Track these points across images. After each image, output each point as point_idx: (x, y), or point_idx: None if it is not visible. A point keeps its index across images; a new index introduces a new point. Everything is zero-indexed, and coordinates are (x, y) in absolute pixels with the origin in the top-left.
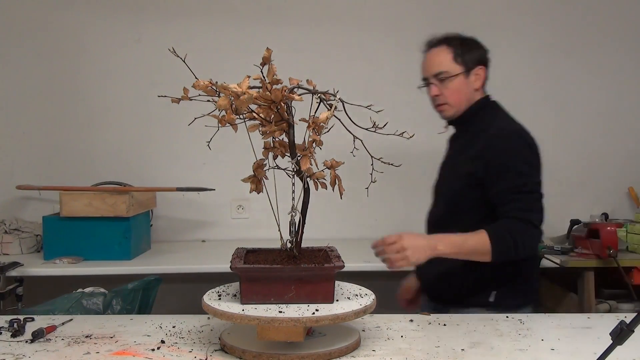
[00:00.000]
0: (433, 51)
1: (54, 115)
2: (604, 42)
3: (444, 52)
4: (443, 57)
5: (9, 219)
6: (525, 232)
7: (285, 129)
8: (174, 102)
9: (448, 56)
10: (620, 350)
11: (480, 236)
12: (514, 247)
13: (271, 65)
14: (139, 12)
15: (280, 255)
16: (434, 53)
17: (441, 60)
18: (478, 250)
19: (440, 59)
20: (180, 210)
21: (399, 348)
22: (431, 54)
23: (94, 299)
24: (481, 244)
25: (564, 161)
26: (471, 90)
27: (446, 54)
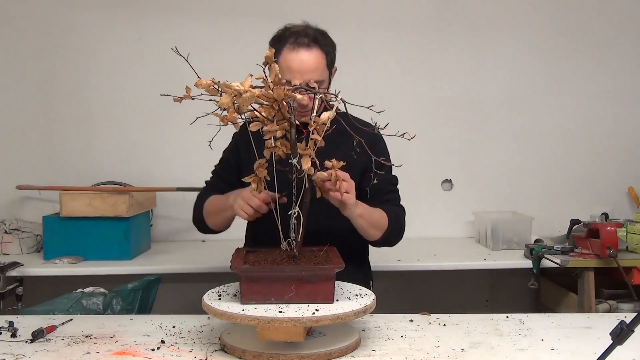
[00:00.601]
0: (305, 54)
1: (54, 115)
2: (604, 42)
3: (319, 57)
4: (318, 62)
5: (9, 219)
6: (404, 221)
7: (287, 128)
8: (176, 101)
9: (322, 62)
10: (620, 350)
11: (382, 213)
12: (399, 233)
13: (273, 65)
14: (139, 11)
15: (280, 255)
16: (309, 57)
17: (317, 67)
18: (378, 224)
19: (316, 65)
20: (180, 210)
21: (399, 348)
22: (304, 56)
23: (94, 299)
24: (382, 220)
25: (564, 161)
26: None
27: (321, 59)
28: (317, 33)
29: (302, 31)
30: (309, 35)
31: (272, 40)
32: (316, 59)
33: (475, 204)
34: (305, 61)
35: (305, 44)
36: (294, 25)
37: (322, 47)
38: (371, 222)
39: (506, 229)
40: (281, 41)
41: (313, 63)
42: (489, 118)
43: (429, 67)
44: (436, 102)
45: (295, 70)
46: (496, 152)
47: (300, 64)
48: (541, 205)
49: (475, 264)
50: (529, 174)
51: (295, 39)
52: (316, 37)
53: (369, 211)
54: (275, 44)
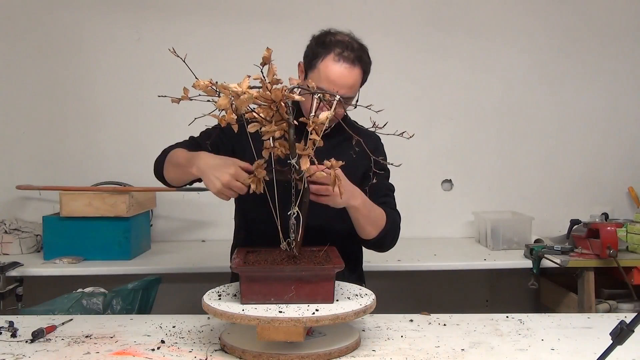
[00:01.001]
0: (348, 69)
1: (54, 115)
2: (604, 43)
3: (359, 75)
4: (357, 81)
5: (9, 219)
6: (400, 226)
7: (286, 128)
8: (174, 102)
9: (360, 80)
10: (620, 350)
11: (381, 211)
12: (394, 236)
13: (271, 65)
14: (139, 12)
15: (280, 255)
16: (350, 73)
17: (354, 85)
18: (377, 222)
19: (354, 83)
20: (180, 210)
21: (399, 348)
22: (346, 71)
23: (94, 299)
24: (381, 218)
25: (564, 161)
26: None
27: (359, 78)
28: (361, 50)
29: (349, 43)
30: (354, 50)
31: (315, 42)
32: (356, 78)
33: (475, 204)
34: (347, 77)
35: (351, 60)
36: (339, 32)
37: (363, 66)
38: (370, 217)
39: (506, 229)
40: (325, 47)
41: (352, 80)
42: (489, 118)
43: (429, 67)
44: (436, 102)
45: (333, 81)
46: (496, 152)
47: (341, 78)
48: (541, 205)
49: (475, 264)
50: (529, 174)
51: (341, 51)
52: (361, 56)
53: (369, 206)
54: (319, 47)
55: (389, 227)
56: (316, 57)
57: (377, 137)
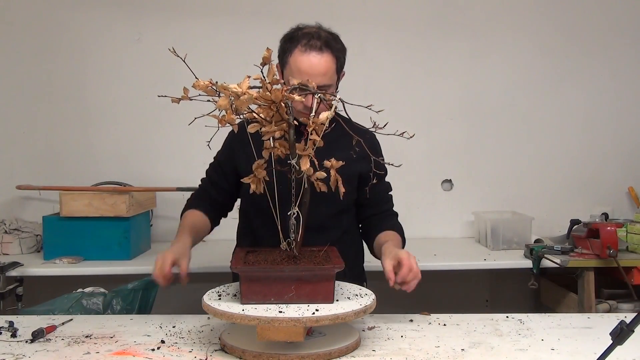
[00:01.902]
0: (317, 57)
1: (54, 115)
2: (604, 43)
3: (330, 61)
4: (328, 67)
5: (9, 219)
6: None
7: (286, 129)
8: (174, 102)
9: (333, 66)
10: (620, 350)
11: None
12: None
13: (271, 65)
14: (139, 12)
15: (280, 255)
16: (320, 60)
17: (327, 71)
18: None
19: (326, 69)
20: (180, 210)
21: (399, 348)
22: (315, 59)
23: (94, 299)
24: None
25: (564, 161)
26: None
27: (331, 64)
28: (329, 37)
29: (315, 33)
30: (321, 38)
31: (284, 39)
32: (327, 63)
33: (475, 204)
34: (316, 65)
35: (317, 47)
36: (307, 25)
37: (333, 52)
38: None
39: (506, 229)
40: (293, 41)
41: (323, 67)
42: (489, 118)
43: (429, 66)
44: (436, 102)
45: (304, 72)
46: (496, 152)
47: (311, 66)
48: (541, 205)
49: (475, 264)
50: (529, 174)
51: (307, 41)
52: (328, 41)
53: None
54: (287, 43)
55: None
56: (285, 52)
57: (373, 134)
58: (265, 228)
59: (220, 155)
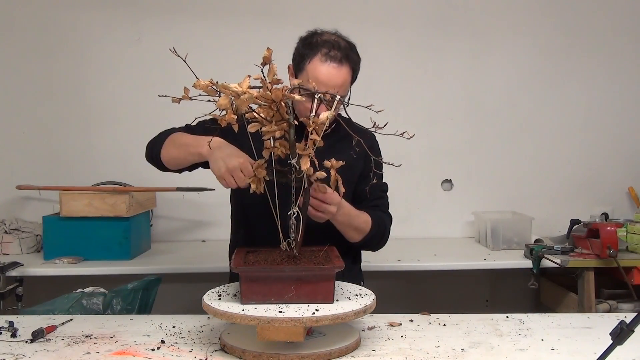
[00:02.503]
0: (336, 69)
1: (54, 115)
2: (604, 43)
3: (347, 74)
4: (345, 79)
5: (9, 219)
6: (389, 229)
7: (286, 128)
8: (174, 101)
9: (349, 79)
10: (620, 350)
11: (366, 218)
12: (381, 238)
13: (272, 65)
14: (139, 12)
15: (280, 255)
16: (338, 73)
17: (343, 84)
18: (360, 228)
19: (342, 82)
20: (180, 210)
21: (399, 348)
22: (335, 70)
23: (94, 299)
24: (364, 225)
25: (564, 161)
26: None
27: (348, 77)
28: (348, 48)
29: (335, 42)
30: (341, 49)
31: (302, 44)
32: (344, 76)
33: (475, 204)
34: (334, 76)
35: (338, 59)
36: (325, 31)
37: (351, 64)
38: (352, 225)
39: (506, 229)
40: (312, 48)
41: (341, 80)
42: (489, 118)
43: (429, 66)
44: (436, 102)
45: (322, 82)
46: (496, 152)
47: (329, 78)
48: (541, 205)
49: (475, 264)
50: (529, 174)
51: (328, 51)
52: (348, 54)
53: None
54: (306, 49)
55: (374, 233)
56: (303, 59)
57: (372, 135)
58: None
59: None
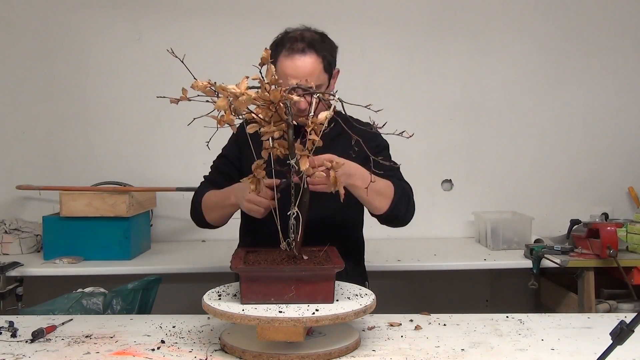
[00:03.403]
0: (300, 59)
1: (54, 115)
2: (604, 42)
3: (314, 61)
4: (313, 67)
5: (9, 219)
6: (413, 197)
7: (284, 129)
8: (172, 102)
9: (318, 66)
10: (620, 350)
11: (386, 181)
12: (408, 204)
13: (270, 65)
14: (139, 12)
15: (280, 255)
16: (303, 62)
17: (312, 71)
18: (383, 193)
19: (311, 70)
20: (180, 210)
21: (399, 348)
22: (299, 61)
23: (94, 299)
24: (387, 188)
25: (564, 161)
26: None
27: (317, 64)
28: (313, 37)
29: (298, 36)
30: (305, 40)
31: (271, 45)
32: (311, 64)
33: (475, 204)
34: (300, 67)
35: (300, 50)
36: (293, 29)
37: (317, 52)
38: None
39: (506, 229)
40: (278, 47)
41: (308, 68)
42: (489, 118)
43: (429, 66)
44: (436, 102)
45: (289, 76)
46: (496, 152)
47: (295, 69)
48: (541, 205)
49: (475, 264)
50: (529, 174)
51: (290, 45)
52: (312, 42)
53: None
54: (273, 50)
55: (400, 196)
56: (274, 59)
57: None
58: (265, 227)
59: (226, 149)
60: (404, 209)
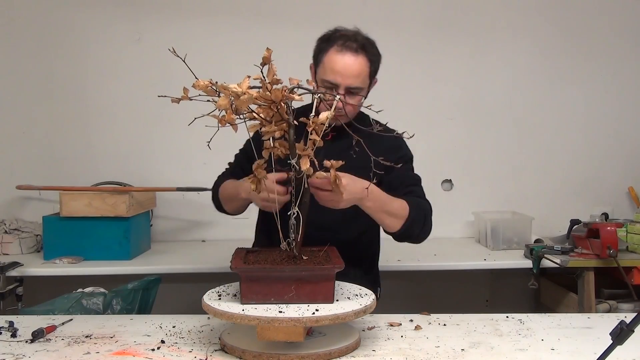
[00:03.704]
0: (352, 58)
1: (54, 115)
2: (604, 43)
3: (364, 64)
4: (362, 69)
5: (9, 219)
6: (430, 213)
7: (286, 129)
8: (174, 102)
9: (366, 70)
10: (620, 350)
11: (401, 202)
12: (424, 224)
13: (271, 65)
14: (140, 12)
15: (280, 255)
16: (354, 62)
17: (360, 73)
18: (397, 214)
19: (359, 71)
20: (180, 210)
21: (399, 348)
22: (350, 60)
23: (94, 299)
24: (401, 209)
25: (564, 161)
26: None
27: (365, 67)
28: (366, 41)
29: (352, 36)
30: (358, 41)
31: (320, 39)
32: (361, 66)
33: (475, 204)
34: (350, 65)
35: (353, 49)
36: (345, 29)
37: (368, 56)
38: (386, 210)
39: (506, 229)
40: (329, 41)
41: (357, 69)
42: (488, 118)
43: (429, 67)
44: (436, 102)
45: (338, 72)
46: (496, 152)
47: (345, 67)
48: (541, 205)
49: (475, 264)
50: (529, 174)
51: (344, 42)
52: (365, 45)
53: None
54: (323, 43)
55: (414, 216)
56: (321, 52)
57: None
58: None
59: (247, 144)
60: (418, 229)
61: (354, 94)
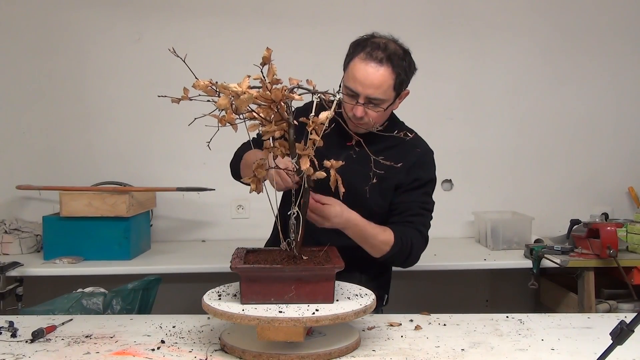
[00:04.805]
0: (374, 68)
1: (54, 115)
2: (604, 42)
3: (387, 76)
4: (384, 81)
5: (9, 219)
6: (420, 248)
7: (285, 128)
8: (174, 102)
9: (389, 82)
10: (620, 350)
11: (385, 237)
12: (407, 258)
13: (271, 65)
14: (140, 12)
15: (280, 255)
16: (376, 72)
17: (381, 85)
18: (377, 247)
19: (380, 83)
20: (180, 210)
21: (399, 348)
22: (372, 70)
23: (94, 299)
24: (382, 244)
25: (564, 161)
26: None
27: (388, 79)
28: (396, 51)
29: (382, 44)
30: (386, 50)
31: (353, 44)
32: (383, 77)
33: (475, 204)
34: (370, 75)
35: (378, 59)
36: (380, 35)
37: (394, 67)
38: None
39: (506, 229)
40: (358, 48)
41: (378, 80)
42: (488, 118)
43: (429, 66)
44: (436, 102)
45: (359, 80)
46: (496, 152)
47: (365, 76)
48: (541, 205)
49: (475, 264)
50: (529, 174)
51: (371, 50)
52: (392, 56)
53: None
54: (353, 47)
55: (395, 252)
56: (349, 57)
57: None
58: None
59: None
60: (399, 262)
61: (374, 104)
